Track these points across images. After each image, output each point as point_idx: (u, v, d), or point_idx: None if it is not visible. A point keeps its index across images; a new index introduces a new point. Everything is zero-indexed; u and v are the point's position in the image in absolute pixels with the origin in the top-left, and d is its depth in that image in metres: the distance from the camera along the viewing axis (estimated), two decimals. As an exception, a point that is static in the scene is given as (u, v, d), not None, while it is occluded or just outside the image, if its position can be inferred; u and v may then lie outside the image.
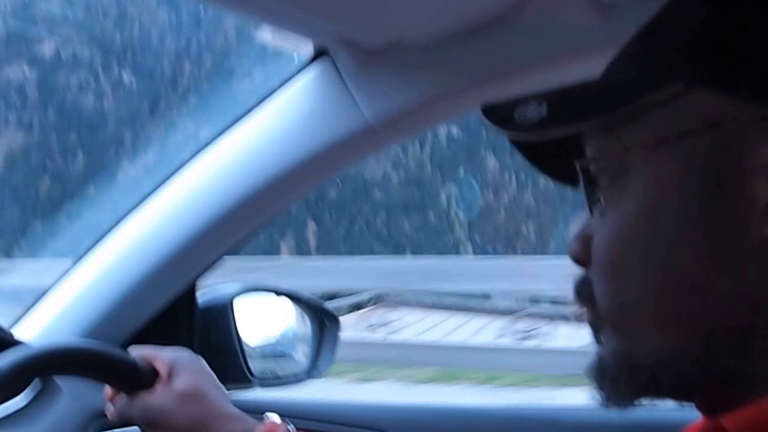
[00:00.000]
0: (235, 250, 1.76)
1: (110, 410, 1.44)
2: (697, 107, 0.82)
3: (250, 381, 1.75)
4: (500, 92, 1.59)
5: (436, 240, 15.12)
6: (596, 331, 0.91)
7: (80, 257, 1.76)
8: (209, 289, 1.81)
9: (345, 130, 1.60)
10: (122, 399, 1.42)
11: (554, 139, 0.90)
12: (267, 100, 1.65)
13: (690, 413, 0.87)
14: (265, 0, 1.33)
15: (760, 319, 0.80)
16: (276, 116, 1.64)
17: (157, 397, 1.38)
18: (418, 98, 1.58)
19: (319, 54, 1.61)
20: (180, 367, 1.41)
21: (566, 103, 0.88)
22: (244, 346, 1.77)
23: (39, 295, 1.77)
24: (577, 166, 0.93)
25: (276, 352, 1.86)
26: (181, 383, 1.39)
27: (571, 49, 1.48)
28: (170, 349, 1.44)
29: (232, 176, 1.66)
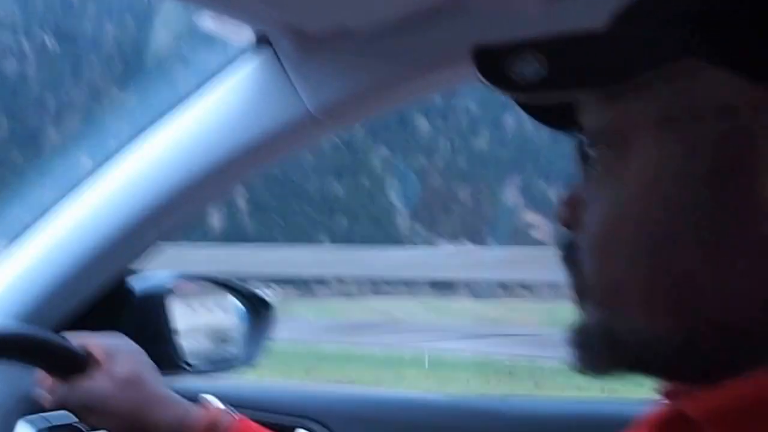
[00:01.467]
0: (171, 237, 1.75)
1: (43, 396, 1.42)
2: (711, 88, 0.79)
3: (184, 368, 1.75)
4: (444, 81, 1.61)
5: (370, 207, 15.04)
6: (579, 298, 0.90)
7: (12, 239, 1.73)
8: (143, 276, 1.79)
9: (285, 118, 1.59)
10: (57, 384, 1.40)
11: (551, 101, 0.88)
12: (206, 87, 1.64)
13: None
14: None
15: (751, 317, 0.79)
16: (216, 103, 1.63)
17: (96, 383, 1.37)
18: (360, 87, 1.58)
19: (260, 41, 1.60)
20: (118, 352, 1.40)
21: (568, 66, 0.84)
22: (177, 334, 1.77)
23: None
24: (574, 131, 0.92)
25: (209, 339, 1.86)
26: (119, 369, 1.38)
27: (519, 34, 1.45)
28: (107, 335, 1.44)
29: (170, 163, 1.64)
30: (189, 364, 1.76)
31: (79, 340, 1.41)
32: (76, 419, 1.43)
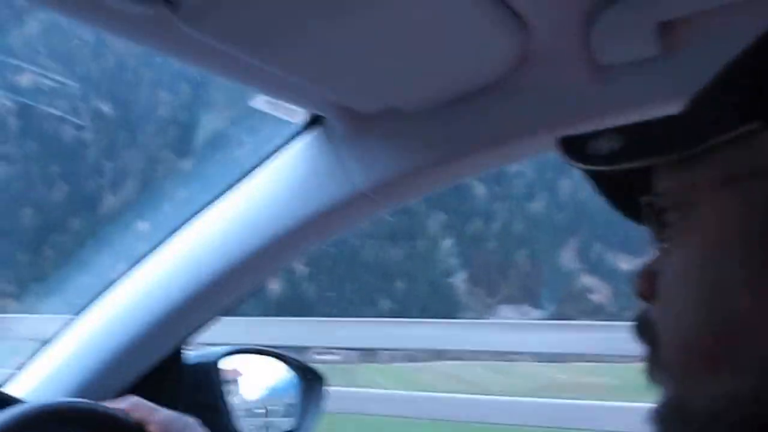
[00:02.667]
0: (227, 311, 1.78)
1: None
2: None
3: (239, 443, 1.77)
4: (496, 158, 1.62)
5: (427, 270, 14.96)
6: (654, 373, 0.90)
7: (75, 315, 1.78)
8: (197, 350, 1.83)
9: (337, 196, 1.62)
10: None
11: (624, 172, 0.90)
12: (261, 166, 1.67)
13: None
14: (261, 69, 1.35)
15: None
16: (269, 182, 1.67)
17: None
18: (411, 165, 1.60)
19: (313, 120, 1.64)
20: (174, 429, 1.43)
21: (641, 138, 0.89)
22: (231, 406, 1.80)
23: (32, 352, 1.79)
24: (643, 202, 0.94)
25: (263, 411, 1.88)
26: None
27: (569, 112, 1.49)
28: (166, 412, 1.46)
29: (224, 240, 1.68)
30: (246, 439, 1.78)
31: (141, 413, 1.44)
32: None
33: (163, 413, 1.45)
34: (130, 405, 1.45)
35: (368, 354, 12.53)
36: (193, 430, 1.46)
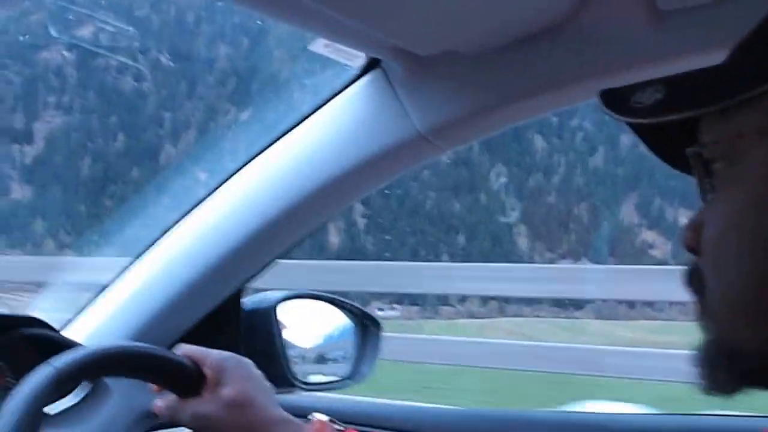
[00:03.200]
0: (286, 254, 1.78)
1: (159, 407, 1.46)
2: None
3: (294, 385, 1.78)
4: (554, 101, 1.61)
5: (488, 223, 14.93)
6: (703, 321, 0.91)
7: (131, 260, 1.79)
8: (254, 295, 1.83)
9: (396, 139, 1.61)
10: (171, 400, 1.44)
11: (669, 123, 0.90)
12: (319, 109, 1.67)
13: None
14: (321, 12, 1.33)
15: None
16: (327, 125, 1.66)
17: (205, 405, 1.40)
18: (469, 108, 1.59)
19: (371, 64, 1.63)
20: (227, 372, 1.42)
21: (684, 88, 0.89)
22: (288, 351, 1.80)
23: (90, 296, 1.81)
24: (690, 153, 0.93)
25: (319, 356, 1.89)
26: (228, 390, 1.40)
27: (626, 57, 1.48)
28: (218, 353, 1.46)
29: (282, 183, 1.68)
30: (300, 381, 1.79)
31: (191, 355, 1.44)
32: None
33: (216, 354, 1.45)
34: (183, 351, 1.45)
35: (429, 310, 12.58)
36: (246, 369, 1.46)
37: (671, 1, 1.41)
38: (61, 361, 1.26)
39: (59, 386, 1.25)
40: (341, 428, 1.44)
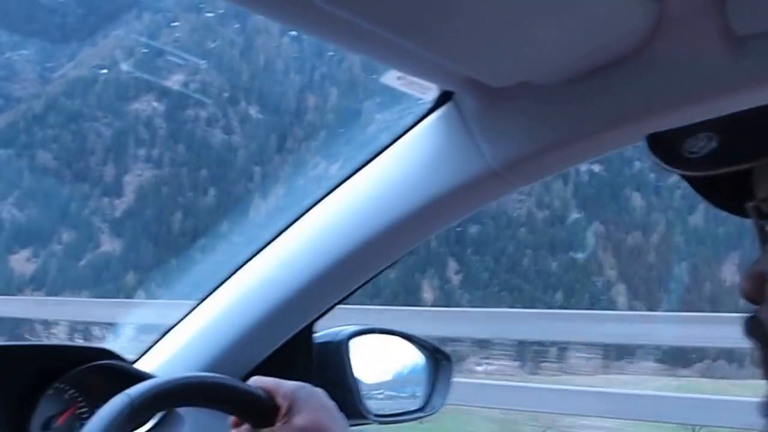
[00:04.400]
0: (354, 293, 1.79)
1: None
2: None
3: (366, 417, 1.78)
4: (629, 134, 1.57)
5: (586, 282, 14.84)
6: (766, 367, 0.89)
7: (205, 296, 1.81)
8: (327, 330, 1.84)
9: (468, 174, 1.60)
10: (245, 430, 1.45)
11: (725, 174, 0.87)
12: (392, 144, 1.67)
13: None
14: (395, 44, 1.34)
15: None
16: (400, 161, 1.66)
17: None
18: (543, 141, 1.57)
19: (444, 97, 1.62)
20: (300, 402, 1.42)
21: (739, 138, 0.86)
22: (360, 385, 1.80)
23: (164, 330, 1.83)
24: (749, 206, 0.91)
25: (391, 390, 1.89)
26: (301, 420, 1.40)
27: (704, 85, 1.44)
28: (291, 383, 1.46)
29: (355, 219, 1.69)
30: (372, 414, 1.79)
31: (265, 386, 1.45)
32: None
33: (289, 384, 1.45)
34: (256, 381, 1.46)
35: (529, 365, 12.45)
36: (319, 398, 1.46)
37: (748, 26, 1.37)
38: (137, 390, 1.27)
39: (134, 415, 1.27)
40: None
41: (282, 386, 1.45)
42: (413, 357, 1.91)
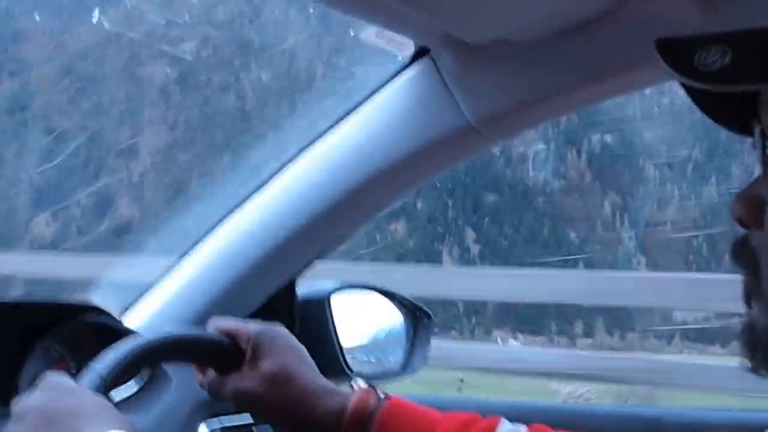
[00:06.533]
0: (335, 247, 1.80)
1: (202, 384, 1.47)
2: None
3: (347, 375, 1.78)
4: (605, 91, 1.59)
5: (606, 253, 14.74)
6: (751, 296, 0.89)
7: (185, 252, 1.82)
8: (308, 285, 1.84)
9: (445, 129, 1.61)
10: (212, 376, 1.45)
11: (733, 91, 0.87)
12: (368, 100, 1.67)
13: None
14: None
15: None
16: (376, 115, 1.66)
17: (245, 380, 1.40)
18: (520, 97, 1.57)
19: (420, 53, 1.62)
20: (266, 345, 1.41)
21: (754, 56, 0.85)
22: (341, 341, 1.80)
23: (147, 287, 1.84)
24: (756, 128, 0.90)
25: (372, 347, 1.89)
26: (267, 365, 1.39)
27: None
28: (254, 325, 1.44)
29: (332, 174, 1.69)
30: (352, 371, 1.79)
31: (226, 329, 1.44)
32: (250, 421, 1.51)
33: (252, 327, 1.44)
34: (217, 326, 1.45)
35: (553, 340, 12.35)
36: (284, 339, 1.45)
37: (729, -19, 1.37)
38: (103, 366, 1.28)
39: (107, 390, 1.27)
40: (384, 396, 1.42)
41: (245, 329, 1.43)
42: (393, 314, 1.91)
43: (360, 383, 1.44)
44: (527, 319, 11.97)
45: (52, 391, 1.17)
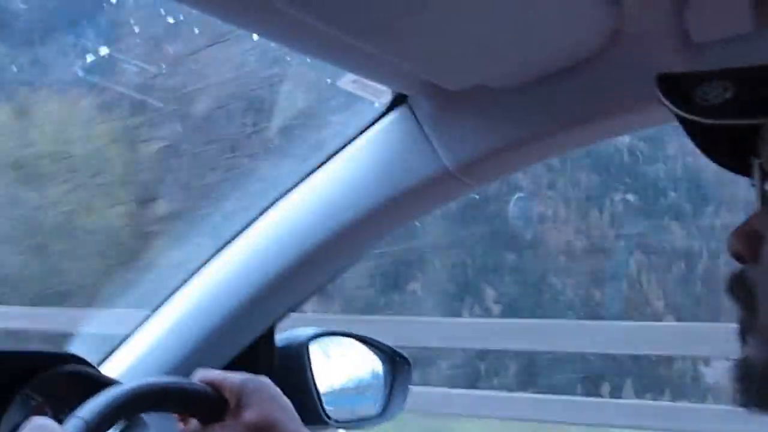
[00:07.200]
0: (314, 295, 1.79)
1: None
2: None
3: (326, 422, 1.77)
4: (584, 137, 1.59)
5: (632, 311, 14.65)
6: (746, 331, 0.88)
7: (163, 302, 1.82)
8: (286, 333, 1.83)
9: (424, 176, 1.61)
10: (193, 426, 1.44)
11: (731, 126, 0.86)
12: (346, 147, 1.67)
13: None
14: (350, 45, 1.34)
15: None
16: (354, 163, 1.66)
17: (228, 431, 1.39)
18: (498, 143, 1.57)
19: (398, 100, 1.63)
20: (249, 395, 1.41)
21: (755, 91, 0.84)
22: (320, 388, 1.79)
23: (125, 338, 1.83)
24: (754, 163, 0.89)
25: (350, 393, 1.88)
26: (250, 415, 1.38)
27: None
28: (238, 375, 1.44)
29: (311, 220, 1.68)
30: (330, 418, 1.78)
31: (210, 379, 1.43)
32: None
33: (235, 377, 1.43)
34: (202, 377, 1.45)
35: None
36: (267, 389, 1.44)
37: (705, 33, 1.38)
38: (88, 411, 1.28)
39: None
40: None
41: (228, 379, 1.43)
42: (372, 360, 1.91)
43: None
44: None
45: None
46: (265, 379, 1.46)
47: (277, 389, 1.46)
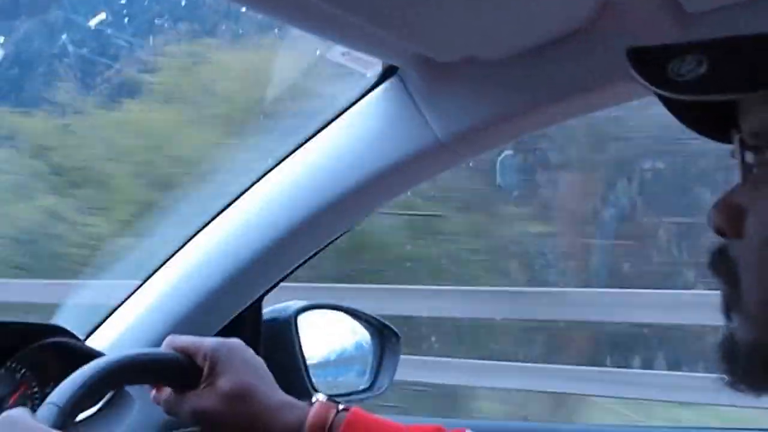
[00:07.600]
0: (300, 266, 1.77)
1: (157, 400, 1.46)
2: None
3: (313, 395, 1.76)
4: (575, 108, 1.58)
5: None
6: (730, 308, 0.87)
7: (150, 274, 1.80)
8: (274, 306, 1.83)
9: (415, 146, 1.59)
10: (167, 394, 1.43)
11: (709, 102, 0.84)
12: (336, 119, 1.66)
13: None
14: (340, 18, 1.32)
15: None
16: (345, 134, 1.65)
17: (203, 400, 1.38)
18: (489, 114, 1.56)
19: (389, 71, 1.62)
20: (222, 361, 1.39)
21: (730, 66, 0.82)
22: (308, 361, 1.79)
23: (112, 309, 1.82)
24: (735, 137, 0.88)
25: (339, 367, 1.88)
26: (224, 383, 1.37)
27: None
28: (210, 341, 1.42)
29: (301, 193, 1.67)
30: (317, 391, 1.76)
31: (183, 347, 1.42)
32: None
33: (208, 343, 1.42)
34: (172, 344, 1.44)
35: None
36: (241, 354, 1.43)
37: (698, 3, 1.36)
38: (60, 396, 1.27)
39: (66, 420, 1.26)
40: (344, 408, 1.40)
41: (200, 345, 1.41)
42: (361, 333, 1.90)
43: (320, 396, 1.43)
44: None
45: (9, 428, 1.15)
46: (237, 342, 1.45)
47: (251, 352, 1.45)
